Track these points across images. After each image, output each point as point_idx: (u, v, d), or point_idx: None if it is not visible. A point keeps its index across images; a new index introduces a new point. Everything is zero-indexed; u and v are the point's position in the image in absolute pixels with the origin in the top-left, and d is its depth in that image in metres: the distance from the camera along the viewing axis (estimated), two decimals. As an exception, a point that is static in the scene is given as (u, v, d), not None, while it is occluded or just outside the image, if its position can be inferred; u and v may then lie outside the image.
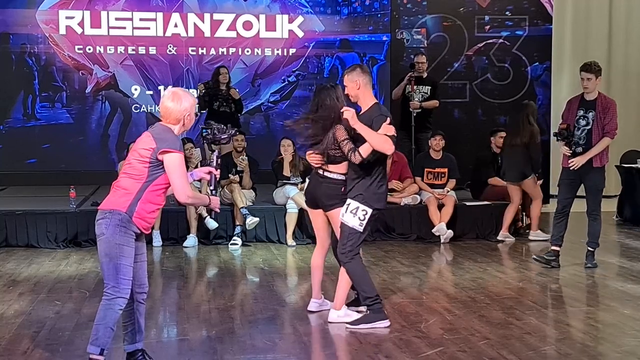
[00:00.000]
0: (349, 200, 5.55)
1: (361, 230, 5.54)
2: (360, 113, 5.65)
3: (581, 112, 7.48)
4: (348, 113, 5.45)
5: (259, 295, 6.65)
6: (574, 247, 8.21)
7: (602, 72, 13.40)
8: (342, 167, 5.65)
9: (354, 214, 5.50)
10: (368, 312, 5.67)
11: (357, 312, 5.76)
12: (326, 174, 5.67)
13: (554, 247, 7.73)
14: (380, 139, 5.38)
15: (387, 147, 5.40)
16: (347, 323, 5.62)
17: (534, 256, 7.89)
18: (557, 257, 7.71)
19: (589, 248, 7.70)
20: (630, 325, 5.69)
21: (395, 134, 5.49)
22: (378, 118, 5.48)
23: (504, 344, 5.17)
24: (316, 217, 5.89)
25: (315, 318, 5.86)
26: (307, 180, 6.43)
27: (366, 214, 5.50)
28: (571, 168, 7.49)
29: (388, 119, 5.49)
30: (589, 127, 7.44)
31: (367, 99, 5.66)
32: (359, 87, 5.60)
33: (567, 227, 7.72)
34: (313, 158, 5.68)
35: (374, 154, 5.43)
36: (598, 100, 7.46)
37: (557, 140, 7.66)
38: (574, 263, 7.85)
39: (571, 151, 7.51)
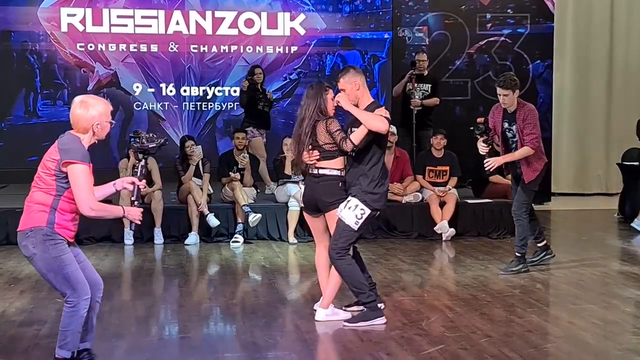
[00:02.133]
0: (349, 197, 5.53)
1: (355, 229, 5.50)
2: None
3: (506, 125, 7.32)
4: (341, 97, 5.49)
5: (260, 293, 6.65)
6: (574, 244, 8.21)
7: (604, 70, 13.54)
8: (337, 163, 5.59)
9: (352, 211, 5.48)
10: (364, 310, 5.66)
11: (348, 312, 5.75)
12: (321, 171, 5.59)
13: (539, 244, 7.69)
14: (374, 118, 5.42)
15: (381, 126, 5.41)
16: (344, 321, 5.61)
17: (502, 273, 7.54)
18: (547, 249, 7.67)
19: (516, 252, 7.42)
20: (631, 322, 5.69)
21: (389, 117, 5.51)
22: (374, 108, 5.55)
23: (505, 342, 5.17)
24: (315, 222, 5.81)
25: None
26: (302, 187, 6.38)
27: (364, 213, 5.48)
28: (486, 168, 7.31)
29: (383, 107, 5.56)
30: (515, 139, 7.27)
31: (365, 98, 5.65)
32: (358, 87, 5.58)
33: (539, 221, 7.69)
34: (311, 155, 5.60)
35: (366, 140, 5.43)
36: (517, 112, 7.23)
37: (475, 134, 7.45)
38: (574, 261, 7.85)
39: (488, 147, 7.33)
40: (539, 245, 7.71)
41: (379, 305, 5.74)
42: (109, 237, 8.94)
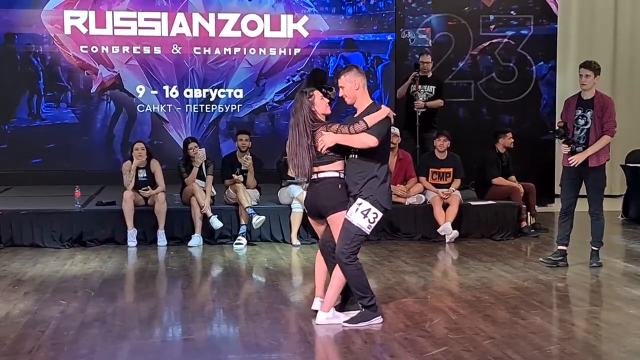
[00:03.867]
0: (360, 200, 5.47)
1: (368, 233, 5.51)
2: (357, 115, 5.62)
3: (579, 112, 7.48)
4: (324, 138, 5.45)
5: (264, 295, 6.65)
6: (579, 246, 8.18)
7: (608, 72, 13.50)
8: (336, 165, 5.57)
9: (364, 215, 5.44)
10: (364, 310, 5.64)
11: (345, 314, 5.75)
12: (320, 175, 5.57)
13: (560, 247, 7.74)
14: (360, 136, 5.39)
15: (368, 141, 5.39)
16: (343, 322, 5.60)
17: (541, 258, 7.87)
18: (564, 256, 7.72)
19: (593, 247, 7.71)
20: (635, 324, 5.68)
21: (392, 118, 5.53)
22: (374, 110, 5.53)
23: (508, 344, 5.17)
24: (319, 227, 5.82)
25: (319, 317, 5.86)
26: (304, 193, 6.37)
27: (376, 217, 5.47)
28: (571, 165, 7.48)
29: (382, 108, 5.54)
30: (587, 126, 7.43)
31: (364, 100, 5.63)
32: (357, 87, 5.57)
33: (573, 226, 7.72)
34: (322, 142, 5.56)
35: (381, 129, 5.42)
36: (595, 99, 7.43)
37: (555, 137, 7.68)
38: (579, 262, 7.84)
39: (569, 148, 7.50)
40: (560, 248, 7.73)
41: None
42: (113, 239, 8.94)
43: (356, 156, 5.55)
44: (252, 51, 12.20)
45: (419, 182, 9.58)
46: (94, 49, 11.88)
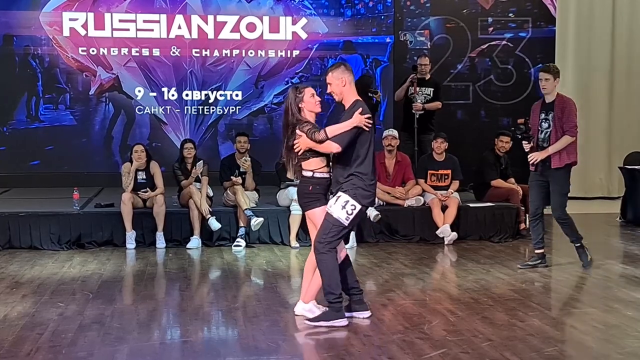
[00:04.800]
0: (339, 193, 5.57)
1: (346, 224, 5.57)
2: (345, 110, 5.68)
3: (542, 115, 7.53)
4: (300, 141, 5.56)
5: (263, 297, 6.65)
6: (575, 248, 8.18)
7: (606, 74, 13.54)
8: (309, 164, 5.67)
9: (342, 207, 5.53)
10: (328, 309, 5.67)
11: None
12: (303, 173, 5.72)
13: (537, 251, 7.75)
14: (325, 144, 5.51)
15: (331, 148, 5.50)
16: (305, 319, 5.66)
17: (519, 266, 7.78)
18: (543, 258, 7.73)
19: (575, 245, 7.71)
20: (633, 327, 5.69)
21: (367, 124, 5.51)
22: (359, 107, 5.57)
23: (507, 346, 5.17)
24: (308, 220, 5.94)
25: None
26: None
27: (354, 209, 5.55)
28: (530, 162, 7.49)
29: (361, 109, 5.55)
30: (550, 128, 7.44)
31: (350, 97, 5.69)
32: (344, 84, 5.64)
33: (545, 228, 7.78)
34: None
35: (348, 138, 5.50)
36: (556, 101, 7.48)
37: (516, 135, 7.66)
38: (576, 264, 7.84)
39: (530, 145, 7.50)
40: (537, 252, 7.74)
41: (364, 314, 5.79)
42: (111, 241, 8.95)
43: (338, 155, 5.61)
44: (251, 53, 12.21)
45: (418, 184, 9.59)
46: (93, 51, 11.89)
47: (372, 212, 8.70)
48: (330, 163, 5.73)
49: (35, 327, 5.61)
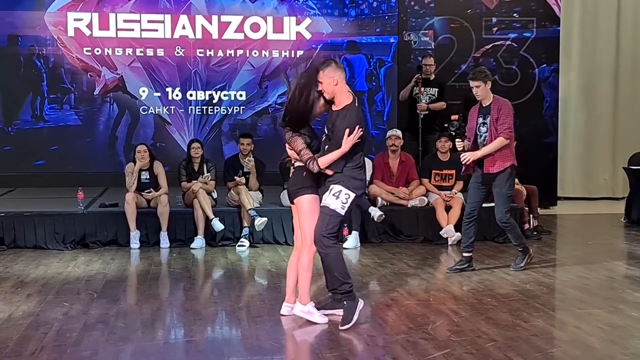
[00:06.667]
0: (331, 186, 5.55)
1: (342, 214, 5.57)
2: (335, 109, 5.59)
3: (480, 119, 7.40)
4: (291, 154, 5.67)
5: (266, 297, 6.66)
6: (581, 248, 8.20)
7: (610, 74, 13.51)
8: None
9: (336, 197, 5.52)
10: (345, 303, 5.63)
11: (325, 315, 5.76)
12: (296, 164, 5.73)
13: (465, 254, 7.66)
14: (310, 168, 5.53)
15: (314, 169, 5.51)
16: (340, 327, 5.55)
17: (447, 270, 7.65)
18: (470, 262, 7.64)
19: (519, 248, 7.64)
20: (637, 327, 5.68)
21: (358, 139, 5.45)
22: (353, 112, 5.50)
23: (511, 346, 5.17)
24: (294, 214, 5.94)
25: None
26: None
27: (348, 197, 5.54)
28: (462, 161, 7.40)
29: (347, 130, 5.42)
30: (487, 132, 7.32)
31: (342, 97, 5.56)
32: (336, 83, 5.50)
33: (477, 232, 7.70)
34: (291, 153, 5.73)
35: (336, 162, 5.50)
36: (492, 104, 7.35)
37: (449, 131, 7.59)
38: (580, 265, 7.83)
39: (463, 144, 7.42)
40: (465, 255, 7.65)
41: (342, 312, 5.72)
42: (115, 241, 8.96)
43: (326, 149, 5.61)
44: (255, 53, 12.22)
45: (422, 184, 9.58)
46: (97, 51, 11.91)
47: (376, 213, 8.70)
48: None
49: (40, 327, 5.62)
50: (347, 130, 5.44)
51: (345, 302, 5.66)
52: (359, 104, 5.69)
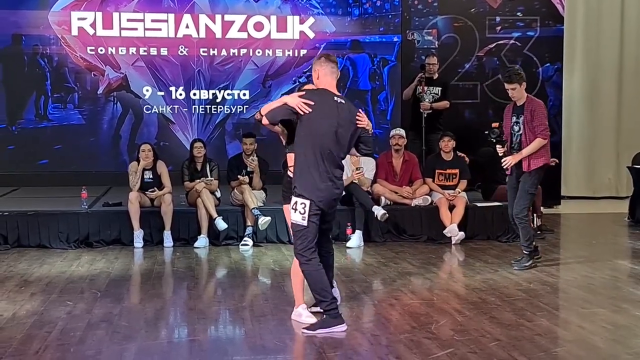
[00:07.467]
0: (293, 199, 5.51)
1: (305, 224, 5.44)
2: None
3: (514, 119, 7.56)
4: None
5: (270, 296, 6.66)
6: (584, 248, 8.19)
7: (614, 73, 13.48)
8: (290, 159, 5.72)
9: (294, 210, 5.47)
10: (325, 316, 5.56)
11: (311, 314, 5.74)
12: (290, 168, 5.78)
13: (525, 251, 7.76)
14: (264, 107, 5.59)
15: (260, 118, 5.57)
16: (303, 328, 5.54)
17: (516, 268, 7.69)
18: (535, 251, 7.77)
19: (525, 251, 7.71)
20: (641, 327, 5.68)
21: (298, 107, 5.40)
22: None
23: (514, 346, 5.17)
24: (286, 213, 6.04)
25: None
26: None
27: (305, 206, 5.43)
28: (503, 166, 7.54)
29: (303, 92, 5.54)
30: (520, 132, 7.47)
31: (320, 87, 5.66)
32: (317, 76, 5.62)
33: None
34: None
35: (273, 113, 5.48)
36: (526, 104, 7.50)
37: (490, 139, 7.68)
38: (584, 264, 7.82)
39: (504, 149, 7.55)
40: (526, 252, 7.75)
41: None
42: (119, 240, 8.97)
43: (291, 157, 5.67)
44: (259, 52, 12.21)
45: (425, 183, 9.58)
46: (101, 50, 11.91)
47: (379, 212, 8.69)
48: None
49: (44, 326, 5.63)
50: (298, 91, 5.61)
51: (324, 316, 5.58)
52: (347, 102, 5.63)
